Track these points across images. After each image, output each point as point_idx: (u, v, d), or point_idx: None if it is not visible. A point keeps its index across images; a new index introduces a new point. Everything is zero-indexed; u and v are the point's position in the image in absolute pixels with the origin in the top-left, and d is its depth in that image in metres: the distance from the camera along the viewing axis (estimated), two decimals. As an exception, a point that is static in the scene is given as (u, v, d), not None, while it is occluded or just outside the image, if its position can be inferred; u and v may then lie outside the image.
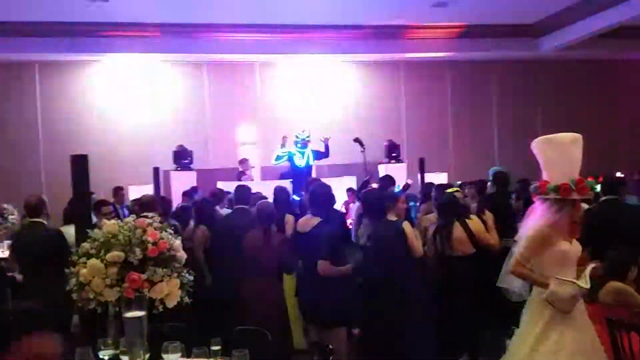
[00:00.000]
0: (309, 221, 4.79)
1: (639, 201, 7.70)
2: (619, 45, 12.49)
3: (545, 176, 3.54)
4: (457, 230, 5.33)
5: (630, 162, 11.07)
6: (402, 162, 12.05)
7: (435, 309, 5.09)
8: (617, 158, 12.30)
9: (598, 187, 7.75)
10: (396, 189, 7.39)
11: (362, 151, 9.92)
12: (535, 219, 3.53)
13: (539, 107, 13.84)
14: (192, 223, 6.21)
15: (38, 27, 10.31)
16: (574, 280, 3.39)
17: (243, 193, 6.16)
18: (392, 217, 5.03)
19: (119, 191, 9.78)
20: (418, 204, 7.58)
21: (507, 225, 5.87)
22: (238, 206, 5.97)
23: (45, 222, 5.11)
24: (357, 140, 10.06)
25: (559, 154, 3.50)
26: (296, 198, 7.87)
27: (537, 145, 3.57)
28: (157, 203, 5.71)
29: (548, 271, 3.45)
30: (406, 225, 4.92)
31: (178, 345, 2.88)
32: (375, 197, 5.25)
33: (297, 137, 10.33)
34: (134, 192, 9.83)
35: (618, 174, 10.24)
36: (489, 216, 5.56)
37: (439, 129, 13.47)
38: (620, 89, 13.95)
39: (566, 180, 3.40)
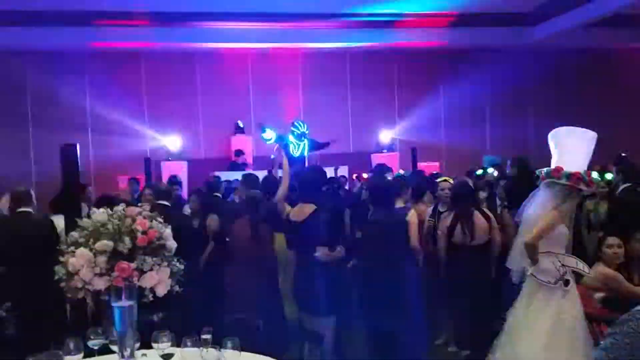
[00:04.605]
0: (303, 209, 4.73)
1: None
2: (611, 34, 12.49)
3: (557, 163, 3.76)
4: (479, 219, 5.23)
5: (619, 149, 11.10)
6: (394, 151, 12.07)
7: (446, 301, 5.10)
8: (608, 146, 12.32)
9: (609, 176, 7.84)
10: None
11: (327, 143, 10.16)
12: (544, 202, 3.76)
13: (532, 96, 13.84)
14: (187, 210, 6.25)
15: (26, 16, 10.17)
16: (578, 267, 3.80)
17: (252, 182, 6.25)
18: (399, 204, 4.98)
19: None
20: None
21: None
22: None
23: (32, 211, 5.08)
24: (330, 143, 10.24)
25: (579, 145, 3.76)
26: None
27: (559, 134, 3.81)
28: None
29: (547, 249, 3.75)
30: (412, 215, 4.88)
31: (168, 335, 2.86)
32: (383, 185, 5.01)
33: (294, 129, 10.29)
34: (124, 183, 9.78)
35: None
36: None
37: (431, 118, 13.45)
38: (612, 78, 13.96)
39: (579, 170, 3.69)
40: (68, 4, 10.02)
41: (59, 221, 4.95)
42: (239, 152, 11.25)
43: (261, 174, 7.46)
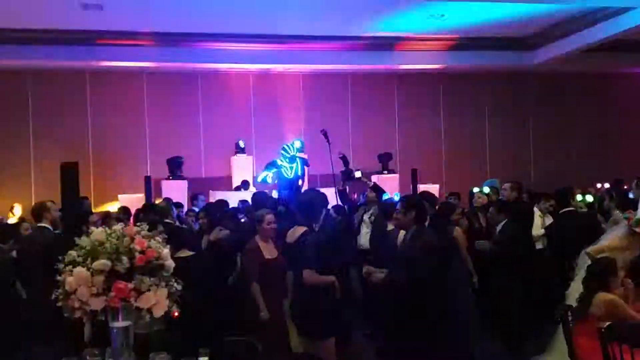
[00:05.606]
0: (295, 231, 4.74)
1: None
2: (610, 58, 12.58)
3: None
4: (459, 232, 5.50)
5: (619, 172, 11.12)
6: (394, 172, 12.07)
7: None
8: (606, 168, 12.34)
9: (589, 198, 7.90)
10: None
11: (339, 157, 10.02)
12: None
13: (531, 119, 13.90)
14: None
15: (31, 35, 10.23)
16: None
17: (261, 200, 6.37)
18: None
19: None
20: None
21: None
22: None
23: (49, 226, 5.05)
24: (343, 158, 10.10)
25: None
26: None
27: None
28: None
29: None
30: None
31: (165, 356, 2.83)
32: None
33: (285, 151, 10.27)
34: (125, 201, 9.79)
35: (607, 185, 10.44)
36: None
37: (432, 140, 13.48)
38: (610, 102, 14.03)
39: None
40: (72, 23, 10.08)
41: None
42: (246, 184, 11.20)
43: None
